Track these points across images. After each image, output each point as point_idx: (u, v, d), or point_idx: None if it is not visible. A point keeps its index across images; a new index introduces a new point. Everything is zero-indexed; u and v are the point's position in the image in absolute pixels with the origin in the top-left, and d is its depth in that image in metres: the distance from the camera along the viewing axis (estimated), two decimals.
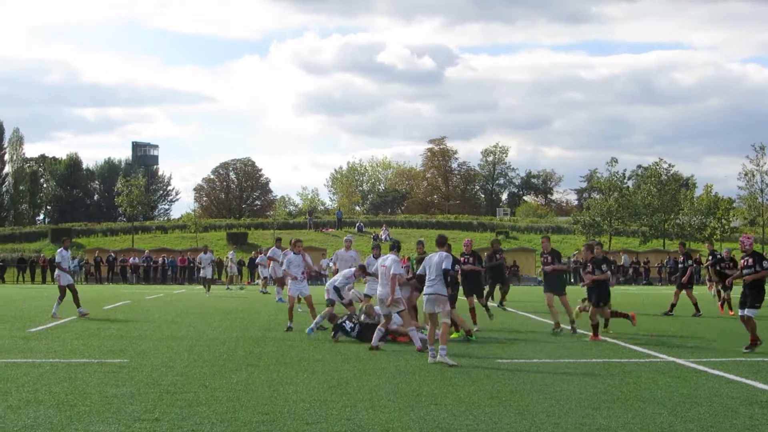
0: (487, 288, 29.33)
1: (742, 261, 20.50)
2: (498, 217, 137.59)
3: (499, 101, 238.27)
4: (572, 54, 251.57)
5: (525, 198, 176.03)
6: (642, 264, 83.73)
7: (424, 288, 18.82)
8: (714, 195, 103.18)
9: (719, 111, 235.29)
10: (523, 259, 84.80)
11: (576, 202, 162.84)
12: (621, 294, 53.07)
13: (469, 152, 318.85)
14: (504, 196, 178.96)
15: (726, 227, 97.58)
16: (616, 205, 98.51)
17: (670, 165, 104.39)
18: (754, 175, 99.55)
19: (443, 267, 18.51)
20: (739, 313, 20.64)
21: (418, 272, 20.57)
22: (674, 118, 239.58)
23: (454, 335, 22.95)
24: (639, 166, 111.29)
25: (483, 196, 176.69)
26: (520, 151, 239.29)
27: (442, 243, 19.27)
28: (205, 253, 51.04)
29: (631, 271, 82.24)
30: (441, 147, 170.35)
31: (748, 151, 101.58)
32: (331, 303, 23.83)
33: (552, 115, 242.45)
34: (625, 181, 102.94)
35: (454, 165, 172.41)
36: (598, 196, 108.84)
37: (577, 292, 33.93)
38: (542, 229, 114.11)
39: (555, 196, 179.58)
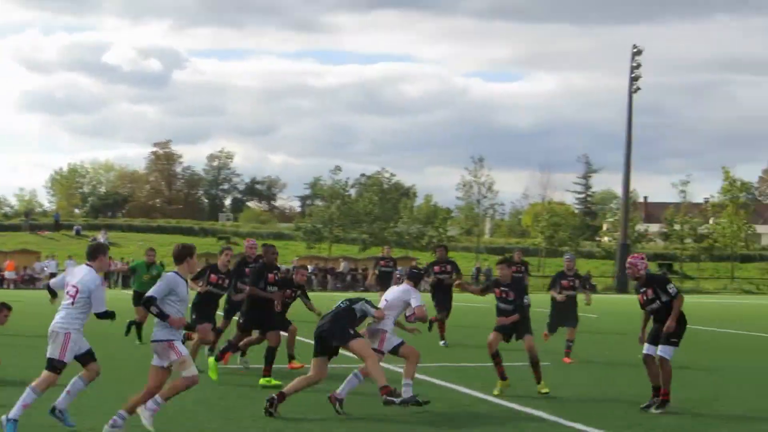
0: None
1: (640, 296, 14.79)
2: (221, 222, 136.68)
3: (226, 106, 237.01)
4: (301, 62, 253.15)
5: (248, 204, 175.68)
6: (360, 271, 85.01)
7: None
8: (433, 205, 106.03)
9: (443, 123, 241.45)
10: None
11: (299, 209, 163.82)
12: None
13: (194, 157, 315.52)
14: (228, 202, 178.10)
15: (443, 236, 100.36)
16: (338, 213, 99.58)
17: (392, 174, 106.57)
18: (471, 186, 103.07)
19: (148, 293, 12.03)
20: (645, 352, 14.77)
21: None
22: (399, 128, 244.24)
23: None
24: (362, 175, 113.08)
25: (207, 201, 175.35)
26: (246, 157, 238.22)
27: (179, 258, 12.23)
28: None
29: (349, 277, 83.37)
30: (165, 150, 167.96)
31: (468, 162, 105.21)
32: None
33: (279, 122, 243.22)
34: (348, 189, 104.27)
35: (179, 169, 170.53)
36: (321, 204, 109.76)
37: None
38: (265, 235, 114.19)
39: (279, 203, 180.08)
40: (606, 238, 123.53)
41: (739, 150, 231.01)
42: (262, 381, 16.36)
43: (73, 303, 11.89)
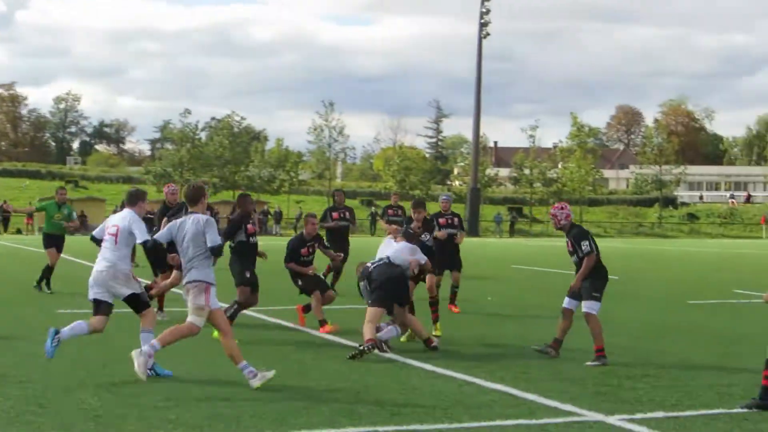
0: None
1: (567, 245, 14.19)
2: (68, 165, 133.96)
3: (73, 48, 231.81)
4: (150, 3, 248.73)
5: (97, 147, 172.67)
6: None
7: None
8: (285, 148, 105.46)
9: (294, 66, 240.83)
10: (92, 209, 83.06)
11: (149, 153, 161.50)
12: None
13: (40, 99, 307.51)
14: (75, 145, 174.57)
15: (294, 180, 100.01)
16: (188, 156, 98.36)
17: (242, 117, 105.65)
18: (323, 130, 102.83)
19: (210, 245, 11.60)
20: (564, 305, 14.19)
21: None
22: (250, 72, 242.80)
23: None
24: (213, 118, 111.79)
25: (54, 144, 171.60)
26: (94, 100, 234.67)
27: (195, 199, 11.97)
28: None
29: None
30: (10, 92, 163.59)
31: (319, 106, 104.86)
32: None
33: (127, 64, 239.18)
34: (198, 132, 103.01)
35: (24, 111, 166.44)
36: (170, 147, 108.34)
37: None
38: (113, 178, 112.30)
39: (128, 146, 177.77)
40: (457, 182, 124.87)
41: (587, 96, 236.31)
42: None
43: (116, 242, 11.98)
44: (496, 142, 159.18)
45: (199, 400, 10.58)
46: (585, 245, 13.62)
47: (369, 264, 14.61)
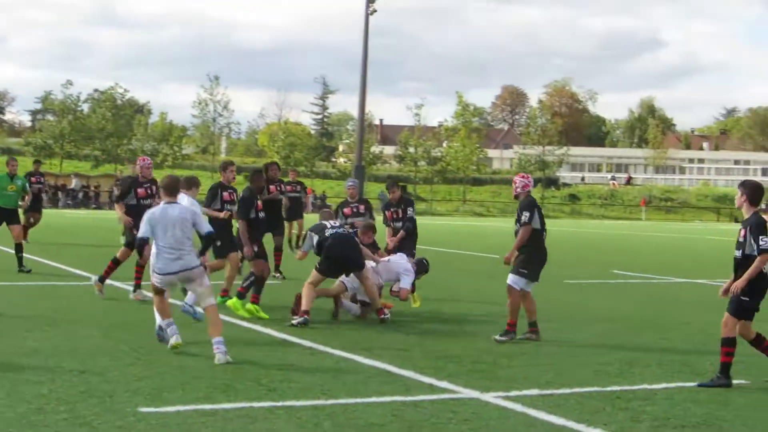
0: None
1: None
2: None
3: None
4: None
5: None
6: (93, 188, 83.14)
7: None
8: (169, 122, 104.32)
9: (179, 39, 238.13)
10: None
11: (30, 124, 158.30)
12: (71, 218, 52.30)
13: None
14: None
15: (178, 154, 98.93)
16: (69, 128, 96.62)
17: (125, 90, 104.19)
18: (207, 104, 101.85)
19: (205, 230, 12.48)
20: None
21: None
22: (134, 44, 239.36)
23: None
24: (96, 90, 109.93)
25: None
26: None
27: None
28: None
29: (81, 195, 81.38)
30: None
31: (204, 80, 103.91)
32: None
33: (8, 33, 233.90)
34: (80, 104, 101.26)
35: None
36: (52, 118, 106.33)
37: None
38: None
39: (7, 117, 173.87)
40: (342, 159, 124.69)
41: (473, 75, 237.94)
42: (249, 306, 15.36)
43: None
44: (381, 120, 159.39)
45: (73, 375, 10.42)
46: (525, 215, 13.46)
47: (327, 225, 15.10)
